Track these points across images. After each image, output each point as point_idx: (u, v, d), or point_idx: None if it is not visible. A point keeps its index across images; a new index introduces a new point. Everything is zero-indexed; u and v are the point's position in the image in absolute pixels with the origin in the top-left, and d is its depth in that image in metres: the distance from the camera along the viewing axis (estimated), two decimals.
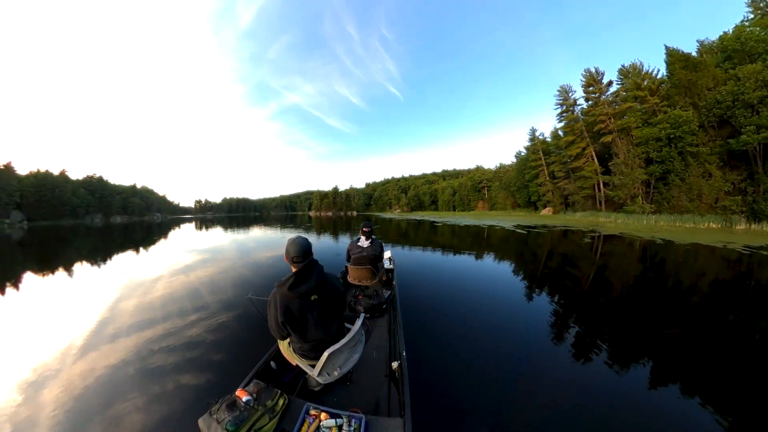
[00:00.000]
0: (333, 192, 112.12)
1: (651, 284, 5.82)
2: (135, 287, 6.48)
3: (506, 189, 52.18)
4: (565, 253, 9.94)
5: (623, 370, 2.85)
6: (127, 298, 5.69)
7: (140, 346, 3.60)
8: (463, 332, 3.82)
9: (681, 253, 8.66)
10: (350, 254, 3.90)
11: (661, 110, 23.68)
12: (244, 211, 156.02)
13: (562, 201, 36.72)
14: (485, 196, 63.41)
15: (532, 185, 42.69)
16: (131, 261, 10.32)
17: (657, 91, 25.42)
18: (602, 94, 30.17)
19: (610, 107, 28.72)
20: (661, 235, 12.41)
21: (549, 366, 2.97)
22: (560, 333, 3.72)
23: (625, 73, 29.15)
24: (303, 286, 1.71)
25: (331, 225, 31.29)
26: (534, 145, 42.90)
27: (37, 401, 2.64)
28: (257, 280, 7.03)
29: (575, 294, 5.41)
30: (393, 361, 2.23)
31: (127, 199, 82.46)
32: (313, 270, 1.77)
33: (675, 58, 24.02)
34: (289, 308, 1.72)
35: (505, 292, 5.60)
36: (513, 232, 17.51)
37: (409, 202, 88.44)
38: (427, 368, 2.94)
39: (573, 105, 34.44)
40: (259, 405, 1.60)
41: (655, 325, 3.91)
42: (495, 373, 2.86)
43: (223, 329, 4.05)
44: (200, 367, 3.10)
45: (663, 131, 21.74)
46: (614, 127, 27.30)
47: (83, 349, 3.59)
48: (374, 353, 2.54)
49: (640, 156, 23.76)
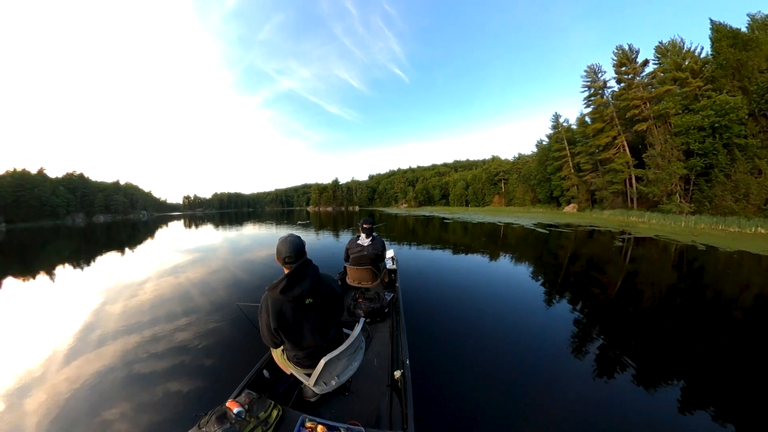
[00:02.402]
0: (333, 185, 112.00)
1: (687, 295, 5.78)
2: (121, 290, 6.70)
3: (525, 182, 51.85)
4: (591, 257, 9.94)
5: (649, 391, 2.87)
6: (112, 301, 5.91)
7: (127, 352, 3.77)
8: (472, 340, 3.90)
9: (722, 261, 8.60)
10: (349, 253, 3.98)
11: (705, 95, 23.30)
12: (237, 206, 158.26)
13: (589, 197, 36.45)
14: (502, 190, 63.11)
15: (554, 178, 42.34)
16: (116, 262, 10.61)
17: (700, 72, 25.00)
18: (636, 75, 29.68)
19: (645, 90, 28.28)
20: (702, 240, 12.31)
21: (566, 380, 3.03)
22: (580, 345, 3.77)
23: (663, 51, 28.66)
24: (296, 288, 1.75)
25: (330, 221, 31.44)
26: (557, 133, 42.44)
27: (21, 410, 2.81)
28: (251, 280, 7.20)
29: (599, 303, 5.44)
30: (395, 369, 2.28)
31: (111, 197, 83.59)
32: (307, 271, 1.81)
33: (722, 35, 23.57)
34: (282, 313, 1.77)
35: (521, 298, 5.66)
36: (532, 231, 17.51)
37: (417, 196, 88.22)
38: (432, 378, 3.02)
39: (603, 87, 33.97)
40: (251, 417, 1.64)
41: (689, 342, 3.90)
42: (506, 385, 2.93)
43: (214, 334, 4.20)
44: (189, 374, 3.25)
45: (706, 119, 21.37)
46: (650, 113, 26.93)
47: (68, 355, 3.78)
48: (375, 361, 2.62)
49: (679, 147, 23.43)
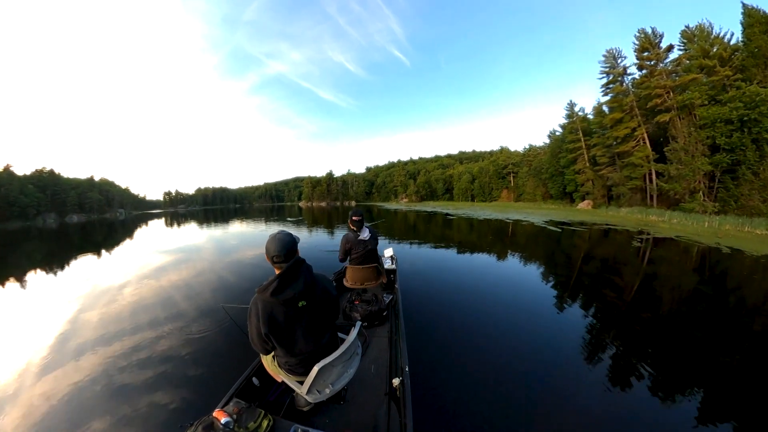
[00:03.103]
0: (327, 178, 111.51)
1: (709, 301, 5.79)
2: (98, 296, 6.69)
3: (536, 176, 51.60)
4: (605, 258, 9.95)
5: (666, 404, 2.88)
6: (89, 308, 5.89)
7: (107, 363, 3.74)
8: (476, 346, 3.90)
9: (748, 266, 8.53)
10: (351, 251, 3.82)
11: (734, 85, 22.94)
12: (222, 202, 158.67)
13: (605, 193, 36.27)
14: (510, 184, 62.88)
15: (568, 172, 42.09)
16: (92, 266, 10.61)
17: (729, 60, 24.59)
18: (660, 62, 29.24)
19: (668, 78, 27.89)
20: (727, 242, 12.22)
21: (578, 391, 3.04)
22: (593, 353, 3.77)
23: (690, 36, 28.17)
24: (288, 290, 1.71)
25: (324, 217, 31.49)
26: (572, 123, 42.06)
27: None
28: (238, 283, 7.21)
29: (614, 307, 5.45)
30: (394, 377, 2.29)
31: (84, 195, 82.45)
32: (300, 271, 1.77)
33: (754, 20, 23.10)
34: (273, 317, 1.72)
35: (529, 302, 5.68)
36: (544, 229, 17.49)
37: (419, 190, 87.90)
38: (432, 387, 3.01)
39: (622, 74, 33.50)
40: (239, 427, 1.66)
41: (710, 352, 3.90)
42: (513, 396, 2.93)
43: (200, 340, 4.18)
44: (174, 384, 3.22)
45: (734, 112, 21.08)
46: (673, 103, 26.59)
47: (43, 369, 3.74)
48: (372, 368, 2.61)
49: (704, 141, 23.17)
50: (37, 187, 70.74)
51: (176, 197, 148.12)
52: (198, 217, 44.02)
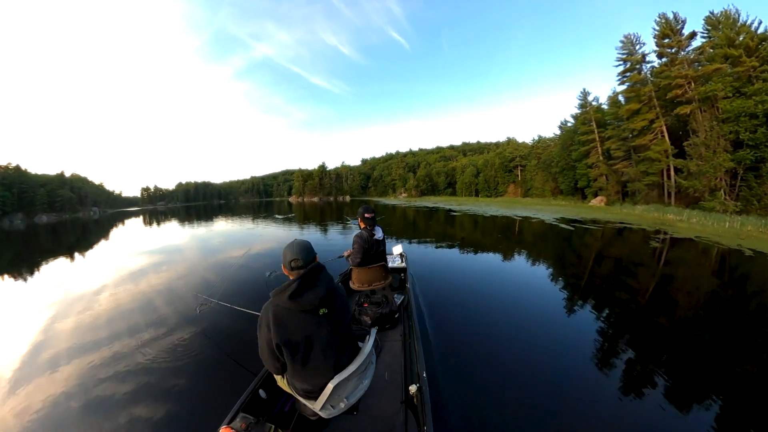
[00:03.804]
0: (319, 171, 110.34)
1: (729, 306, 5.83)
2: (72, 302, 6.63)
3: (546, 170, 51.55)
4: (619, 258, 10.01)
5: (683, 413, 2.91)
6: (63, 316, 5.82)
7: (84, 375, 3.66)
8: (489, 349, 3.95)
9: None
10: (364, 251, 3.73)
11: (760, 77, 22.81)
12: (206, 198, 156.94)
13: (619, 189, 36.22)
14: (518, 178, 62.82)
15: (579, 166, 42.04)
16: (66, 271, 10.54)
17: (756, 50, 24.37)
18: (681, 50, 29.02)
19: (690, 68, 27.70)
20: (749, 244, 12.22)
21: (591, 399, 3.08)
22: (606, 359, 3.81)
23: (714, 23, 27.92)
24: (309, 294, 1.63)
25: (317, 214, 31.38)
26: (585, 113, 41.86)
27: None
28: (225, 285, 7.16)
29: (629, 311, 5.53)
30: (410, 383, 2.26)
31: (54, 192, 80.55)
32: (320, 276, 1.71)
33: None
34: (288, 326, 1.61)
35: (541, 303, 5.76)
36: (554, 227, 17.53)
37: (419, 184, 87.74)
38: (447, 392, 2.99)
39: (641, 62, 33.26)
40: None
41: (729, 359, 3.93)
42: (530, 402, 2.99)
43: (189, 348, 4.11)
44: (158, 397, 3.13)
45: (760, 106, 21.01)
46: (694, 94, 26.45)
47: (14, 383, 3.65)
48: (386, 375, 2.59)
49: (727, 136, 23.11)
50: (1, 185, 68.71)
51: (155, 193, 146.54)
52: (179, 215, 44.09)
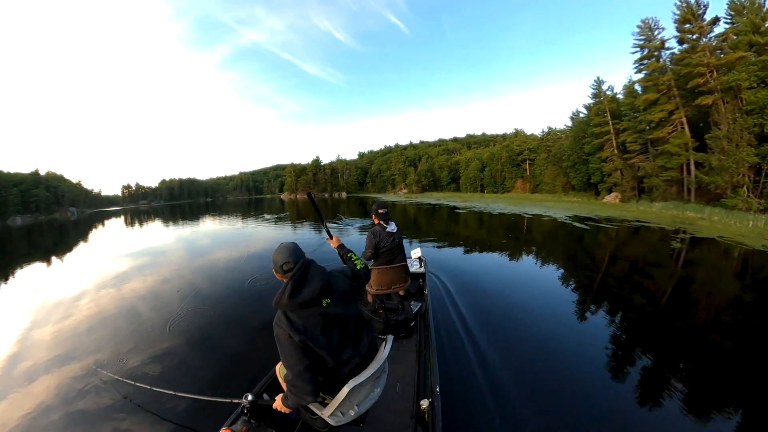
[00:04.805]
0: (313, 166, 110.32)
1: (751, 310, 5.94)
2: (51, 310, 6.69)
3: (556, 164, 51.77)
4: (635, 259, 10.15)
5: (701, 422, 2.99)
6: (41, 324, 5.87)
7: (64, 386, 3.66)
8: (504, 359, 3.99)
9: None
10: (378, 249, 3.65)
11: None
12: (191, 196, 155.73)
13: (635, 185, 36.32)
14: (526, 172, 63.11)
15: (593, 160, 42.20)
16: (43, 276, 10.60)
17: None
18: (703, 36, 29.13)
19: (712, 56, 27.84)
20: None
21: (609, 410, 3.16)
22: (621, 364, 3.90)
23: (738, 8, 28.05)
24: (306, 289, 1.68)
25: (312, 212, 31.18)
26: (599, 103, 42.00)
27: None
28: (212, 288, 7.26)
29: (645, 315, 5.65)
30: (422, 398, 2.26)
31: (29, 192, 79.90)
32: (310, 270, 1.76)
33: None
34: (302, 321, 1.66)
35: (552, 307, 5.90)
36: (566, 224, 17.71)
37: (420, 179, 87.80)
38: (464, 409, 3.03)
39: (659, 48, 33.36)
40: None
41: (750, 366, 4.00)
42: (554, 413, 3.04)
43: (177, 353, 4.16)
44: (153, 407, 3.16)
45: None
46: (717, 84, 26.61)
47: None
48: (397, 386, 2.62)
49: (751, 129, 23.24)
50: None
51: (137, 191, 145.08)
52: (163, 214, 44.14)
